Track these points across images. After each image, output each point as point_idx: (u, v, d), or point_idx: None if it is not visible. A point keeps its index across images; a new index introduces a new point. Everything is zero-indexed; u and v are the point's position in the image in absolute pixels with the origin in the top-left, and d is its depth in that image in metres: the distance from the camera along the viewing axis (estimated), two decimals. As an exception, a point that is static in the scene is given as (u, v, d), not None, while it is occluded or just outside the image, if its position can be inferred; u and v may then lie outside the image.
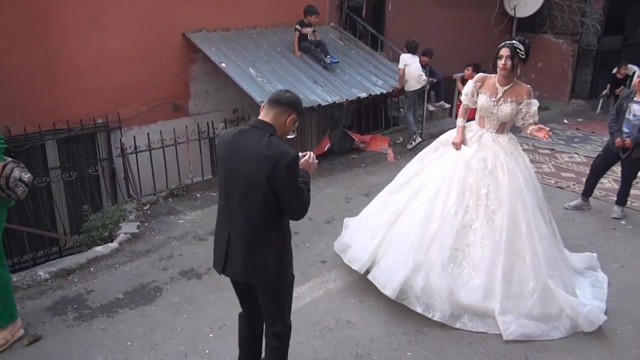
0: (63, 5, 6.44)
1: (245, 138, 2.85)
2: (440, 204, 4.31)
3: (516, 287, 4.06)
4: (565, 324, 3.99)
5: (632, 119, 5.67)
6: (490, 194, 4.22)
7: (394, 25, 10.05)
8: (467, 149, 4.45)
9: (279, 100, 2.91)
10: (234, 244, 2.94)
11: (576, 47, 11.57)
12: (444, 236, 4.21)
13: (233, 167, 2.87)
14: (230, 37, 7.89)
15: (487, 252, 4.12)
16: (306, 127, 8.20)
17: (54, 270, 4.81)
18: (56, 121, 6.39)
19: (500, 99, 4.31)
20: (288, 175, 2.75)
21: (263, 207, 2.82)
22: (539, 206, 4.29)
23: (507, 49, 4.22)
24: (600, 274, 4.71)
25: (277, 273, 2.98)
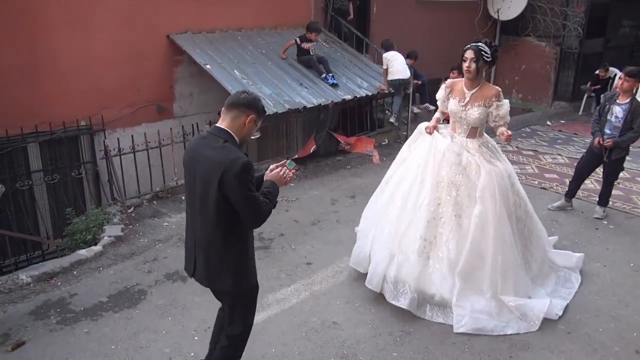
0: (46, 7, 6.38)
1: (203, 144, 2.85)
2: (414, 196, 4.36)
3: (472, 284, 4.15)
4: (517, 321, 4.08)
5: (614, 121, 5.75)
6: (461, 190, 4.22)
7: (379, 27, 10.10)
8: (443, 140, 4.40)
9: (235, 102, 2.86)
10: (198, 249, 2.96)
11: (559, 50, 11.72)
12: (416, 227, 4.27)
13: (192, 173, 2.89)
14: (215, 39, 7.87)
15: (452, 247, 4.17)
16: (292, 129, 8.21)
17: (37, 274, 4.76)
18: (38, 123, 6.33)
19: (468, 103, 4.28)
20: (237, 183, 2.71)
21: (218, 213, 2.80)
22: (508, 212, 4.24)
23: (471, 51, 4.17)
24: (576, 275, 4.76)
25: (235, 280, 2.97)
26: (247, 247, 3.00)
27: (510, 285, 4.16)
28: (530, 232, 4.56)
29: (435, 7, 11.01)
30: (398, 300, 4.17)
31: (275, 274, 4.88)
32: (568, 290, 4.55)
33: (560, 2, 11.46)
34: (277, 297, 4.51)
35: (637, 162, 8.01)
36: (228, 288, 2.99)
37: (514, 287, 4.18)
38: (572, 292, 4.52)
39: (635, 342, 3.99)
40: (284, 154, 8.13)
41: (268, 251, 5.29)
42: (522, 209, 4.49)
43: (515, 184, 4.48)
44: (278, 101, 7.05)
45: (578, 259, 4.88)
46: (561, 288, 4.56)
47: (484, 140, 4.43)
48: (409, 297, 4.14)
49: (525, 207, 4.53)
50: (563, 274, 4.71)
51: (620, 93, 5.75)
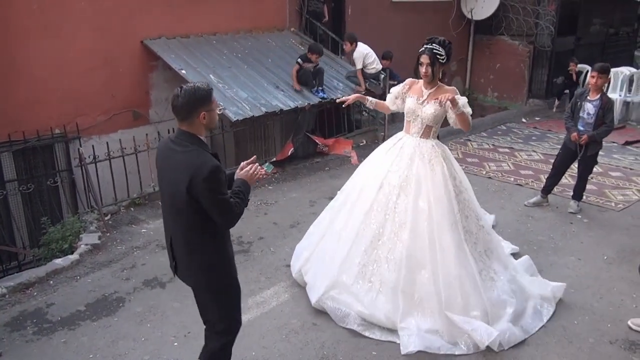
0: (18, 13, 6.30)
1: (172, 147, 2.83)
2: (351, 223, 4.31)
3: (418, 302, 3.99)
4: (466, 341, 3.86)
5: (586, 117, 5.85)
6: (399, 207, 4.12)
7: (354, 29, 10.11)
8: (383, 163, 4.33)
9: (179, 113, 2.77)
10: (176, 248, 2.99)
11: (532, 48, 11.88)
12: (353, 255, 4.20)
13: (162, 176, 2.91)
14: (190, 43, 7.84)
15: (392, 267, 4.04)
16: (269, 132, 8.20)
17: (12, 284, 4.69)
18: (12, 132, 6.25)
19: (425, 100, 4.22)
20: (206, 188, 2.68)
21: (188, 215, 2.80)
22: (451, 220, 4.05)
23: (426, 56, 4.09)
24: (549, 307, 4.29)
25: (213, 275, 2.97)
26: (225, 244, 2.99)
27: (457, 298, 3.92)
28: (487, 249, 4.28)
29: (410, 8, 11.10)
30: (344, 322, 4.09)
31: (255, 277, 4.88)
32: (533, 322, 4.11)
33: (532, 1, 11.62)
34: (257, 300, 4.51)
35: (610, 157, 8.17)
36: (205, 285, 2.99)
37: (463, 302, 3.92)
38: (536, 327, 4.08)
39: (609, 333, 4.08)
40: (262, 157, 8.11)
41: (247, 254, 5.28)
42: (473, 222, 4.25)
43: (465, 194, 4.29)
44: (255, 105, 7.05)
45: (555, 288, 4.41)
46: (528, 318, 4.12)
47: (437, 142, 4.32)
48: (356, 321, 4.07)
49: (477, 221, 4.29)
50: (533, 304, 4.25)
51: (591, 90, 5.85)
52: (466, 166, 7.78)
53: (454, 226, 4.06)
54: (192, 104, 2.75)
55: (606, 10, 13.20)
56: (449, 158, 4.31)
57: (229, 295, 3.10)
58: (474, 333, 3.82)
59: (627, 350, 3.90)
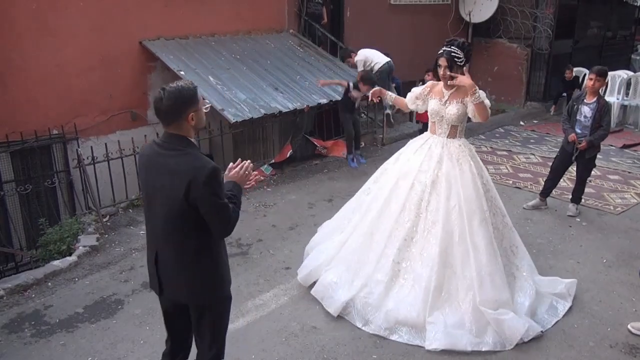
0: (15, 13, 6.28)
1: (161, 152, 2.63)
2: (384, 222, 4.33)
3: (445, 298, 4.05)
4: (493, 337, 3.91)
5: (583, 121, 5.86)
6: (430, 206, 4.19)
7: (353, 31, 10.15)
8: (412, 163, 4.39)
9: (165, 118, 2.59)
10: (163, 264, 2.75)
11: (529, 51, 11.91)
12: (388, 253, 4.23)
13: (152, 184, 2.68)
14: (189, 44, 7.83)
15: (426, 264, 4.10)
16: (268, 134, 8.19)
17: (9, 286, 4.66)
18: (9, 133, 6.22)
19: (447, 101, 4.31)
20: (206, 191, 2.52)
21: (185, 224, 2.61)
22: (481, 218, 4.15)
23: (444, 59, 4.21)
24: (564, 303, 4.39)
25: (210, 289, 2.78)
26: (220, 254, 2.81)
27: (489, 293, 3.98)
28: (512, 246, 4.42)
29: (408, 11, 11.11)
30: (368, 326, 4.08)
31: (254, 279, 4.86)
32: (549, 318, 4.24)
33: (530, 4, 11.66)
34: (256, 302, 4.49)
35: (608, 160, 8.19)
36: (202, 300, 2.80)
37: (494, 297, 3.98)
38: (552, 322, 4.20)
39: (609, 336, 4.08)
40: (261, 159, 8.11)
41: (246, 257, 5.27)
42: (499, 219, 4.38)
43: (491, 191, 4.40)
44: (253, 106, 7.04)
45: (567, 286, 4.51)
46: (542, 314, 4.26)
47: (464, 141, 4.41)
48: (377, 324, 4.06)
49: (502, 218, 4.42)
50: (549, 301, 4.37)
51: (588, 92, 5.86)
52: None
53: (483, 223, 4.15)
54: (178, 105, 2.56)
55: (603, 13, 13.26)
56: (475, 157, 4.40)
57: (224, 313, 2.93)
58: (509, 322, 3.89)
59: (628, 354, 3.90)
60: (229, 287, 2.90)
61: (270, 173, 7.55)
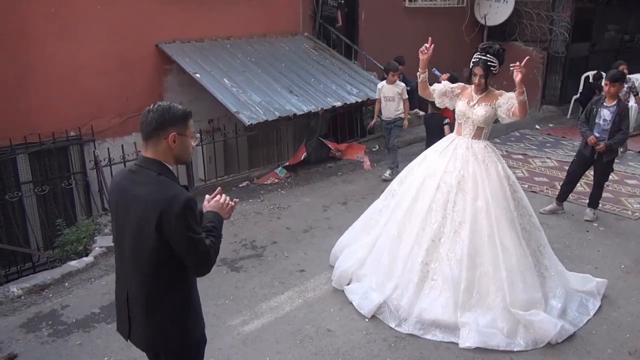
0: (34, 18, 6.37)
1: (132, 180, 2.38)
2: (411, 223, 4.34)
3: (477, 299, 4.05)
4: (525, 337, 3.93)
5: (602, 124, 5.81)
6: (457, 206, 4.19)
7: (368, 34, 10.15)
8: (438, 164, 4.39)
9: (145, 131, 2.36)
10: (133, 305, 2.46)
11: (545, 54, 11.83)
12: (415, 254, 4.23)
13: (122, 215, 2.41)
14: (204, 47, 7.88)
15: (454, 265, 4.10)
16: (282, 136, 8.22)
17: (27, 286, 4.72)
18: (27, 134, 6.30)
19: (475, 104, 4.34)
20: (179, 224, 2.25)
21: (156, 260, 2.34)
22: (508, 218, 4.15)
23: (480, 68, 4.22)
24: (595, 301, 4.43)
25: (182, 334, 2.50)
26: (193, 294, 2.53)
27: (520, 295, 3.99)
28: (539, 246, 4.40)
29: (423, 14, 11.09)
30: (401, 326, 4.10)
31: (269, 281, 4.87)
32: (580, 316, 4.25)
33: (546, 7, 11.58)
34: (270, 305, 4.50)
35: (626, 165, 8.09)
36: (174, 345, 2.50)
37: (525, 297, 3.99)
38: (583, 320, 4.22)
39: (627, 343, 4.02)
40: (275, 161, 8.13)
41: (261, 259, 5.27)
42: (526, 219, 4.36)
43: (518, 192, 4.39)
44: (268, 109, 7.06)
45: (599, 284, 4.54)
46: (574, 312, 4.27)
47: (488, 143, 4.43)
48: (411, 323, 4.09)
49: (529, 218, 4.40)
50: (579, 299, 4.41)
51: (607, 96, 5.81)
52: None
53: (511, 223, 4.14)
54: (163, 120, 2.33)
55: (621, 16, 13.14)
56: (501, 159, 4.40)
57: (197, 354, 2.65)
58: (540, 323, 3.89)
59: (646, 361, 3.85)
60: (201, 327, 2.61)
61: (285, 175, 7.56)
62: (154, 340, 2.51)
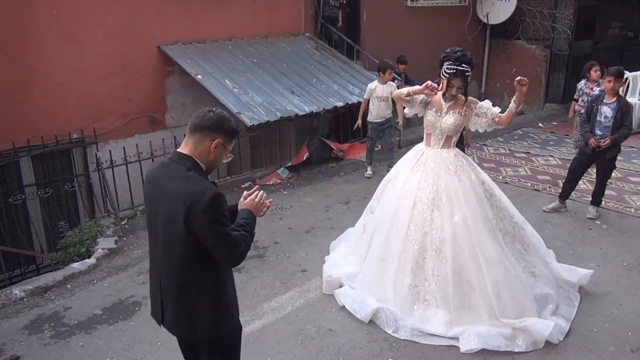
0: (36, 20, 6.39)
1: (164, 173, 2.48)
2: (392, 246, 4.25)
3: (469, 313, 4.02)
4: (524, 339, 3.90)
5: (604, 121, 5.78)
6: (434, 224, 4.11)
7: (370, 34, 10.14)
8: (411, 181, 4.30)
9: (197, 125, 2.47)
10: (165, 293, 2.57)
11: (548, 52, 11.78)
12: (402, 277, 4.17)
13: (153, 208, 2.52)
14: (206, 49, 7.89)
15: (440, 283, 4.05)
16: (284, 137, 8.23)
17: (30, 288, 4.75)
18: (30, 137, 6.32)
19: (444, 113, 4.25)
20: (205, 219, 2.33)
21: (185, 252, 2.43)
22: (488, 228, 4.09)
23: (459, 80, 4.11)
24: (575, 292, 4.49)
25: (212, 326, 2.57)
26: (226, 285, 2.61)
27: (508, 305, 3.96)
28: (524, 245, 4.35)
29: (425, 13, 11.07)
30: (398, 332, 4.06)
31: (270, 282, 4.87)
32: (569, 310, 4.27)
33: (548, 5, 11.53)
34: (272, 305, 4.50)
35: (629, 162, 8.05)
36: (204, 336, 2.59)
37: (514, 306, 3.97)
38: (572, 313, 4.25)
39: (630, 341, 4.00)
40: (277, 161, 8.14)
41: (262, 259, 5.28)
42: (507, 221, 4.30)
43: (495, 195, 4.33)
44: (270, 110, 7.07)
45: (582, 276, 4.58)
46: (564, 306, 4.28)
47: (458, 150, 4.37)
48: (410, 329, 4.05)
49: (511, 218, 4.34)
50: (563, 291, 4.43)
51: (607, 93, 5.79)
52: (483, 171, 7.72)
53: (492, 233, 4.08)
54: (216, 127, 2.46)
55: (624, 13, 13.08)
56: (472, 164, 4.35)
57: (231, 345, 2.74)
58: (531, 327, 3.88)
59: (649, 359, 3.83)
60: (234, 319, 2.70)
61: (287, 176, 7.57)
62: (183, 329, 2.61)
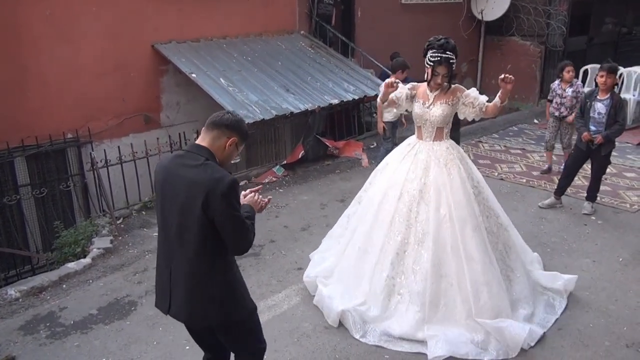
0: (30, 20, 6.37)
1: (180, 163, 2.60)
2: (375, 236, 4.18)
3: (443, 312, 3.92)
4: (495, 346, 3.79)
5: (597, 117, 5.79)
6: (420, 216, 4.02)
7: (364, 31, 10.13)
8: (399, 172, 4.20)
9: (217, 122, 2.63)
10: (175, 282, 2.66)
11: (543, 49, 11.80)
12: (381, 269, 4.09)
13: (168, 196, 2.61)
14: (200, 47, 7.87)
15: (419, 277, 3.95)
16: (280, 135, 8.22)
17: (25, 288, 4.73)
18: (25, 137, 6.30)
19: (431, 104, 4.13)
20: (224, 203, 2.46)
21: (201, 238, 2.54)
22: (473, 225, 3.98)
23: (444, 67, 3.99)
24: (561, 300, 4.35)
25: (228, 310, 2.69)
26: (235, 273, 2.74)
27: (486, 305, 3.87)
28: (506, 247, 4.25)
29: (420, 10, 11.07)
30: (366, 337, 3.97)
31: (266, 280, 4.87)
32: (547, 316, 4.16)
33: (543, 1, 11.55)
34: (268, 303, 4.50)
35: (624, 157, 8.08)
36: (216, 321, 2.71)
37: (492, 306, 3.88)
38: (551, 320, 4.13)
39: (625, 336, 4.02)
40: (273, 160, 8.13)
41: (258, 258, 5.28)
42: (493, 221, 4.21)
43: (484, 193, 4.23)
44: (265, 108, 7.06)
45: (567, 282, 4.45)
46: (541, 313, 4.18)
47: (451, 143, 4.25)
48: (382, 338, 3.95)
49: (496, 219, 4.25)
50: (546, 298, 4.33)
51: (600, 89, 5.79)
52: (478, 168, 7.65)
53: (476, 230, 3.98)
54: (233, 126, 2.64)
55: (618, 9, 13.11)
56: (464, 159, 4.24)
57: (252, 329, 2.89)
58: (507, 330, 3.78)
59: (644, 353, 3.84)
60: (248, 304, 2.80)
61: (282, 174, 7.57)
62: (194, 317, 2.71)
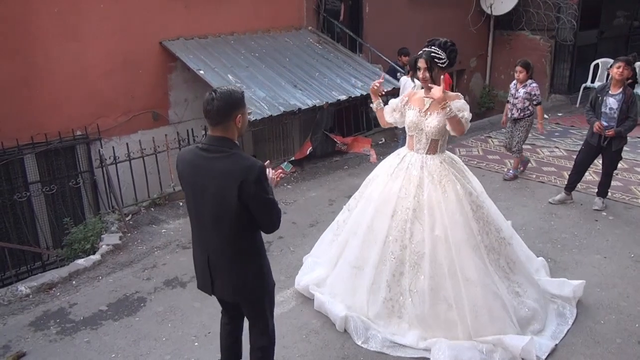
0: (39, 18, 6.39)
1: (207, 156, 2.73)
2: (369, 255, 3.99)
3: (445, 333, 3.78)
4: (501, 354, 3.64)
5: (609, 112, 5.72)
6: (414, 237, 3.82)
7: (372, 27, 10.09)
8: (390, 188, 3.97)
9: (215, 117, 2.68)
10: (215, 265, 2.89)
11: (553, 43, 11.70)
12: (377, 289, 3.94)
13: (200, 188, 2.76)
14: (208, 44, 7.87)
15: (417, 300, 3.80)
16: (288, 131, 8.21)
17: (35, 285, 4.76)
18: (34, 134, 6.33)
19: (428, 110, 3.86)
20: (258, 188, 2.65)
21: (237, 225, 2.74)
22: (471, 245, 3.78)
23: (423, 60, 3.76)
24: (571, 308, 4.17)
25: (260, 286, 2.98)
26: (263, 249, 3.00)
27: (486, 327, 3.70)
28: (509, 262, 4.01)
29: (428, 5, 11.00)
30: (368, 343, 3.86)
31: (275, 277, 4.75)
32: (560, 327, 3.97)
33: (553, -5, 11.46)
34: (276, 299, 4.37)
35: (635, 152, 7.99)
36: (256, 295, 2.99)
37: (492, 328, 3.70)
38: (563, 331, 3.94)
39: (637, 333, 3.98)
40: (281, 156, 8.13)
41: (267, 254, 5.25)
42: (494, 237, 3.96)
43: (483, 207, 3.96)
44: (273, 104, 7.05)
45: (576, 287, 4.23)
46: (553, 325, 3.98)
47: (446, 156, 3.97)
48: (384, 344, 3.85)
49: (498, 233, 4.00)
50: (556, 307, 4.15)
51: (612, 84, 5.72)
52: (487, 163, 7.69)
53: (475, 250, 3.79)
54: (228, 106, 2.68)
55: (630, 2, 12.94)
56: (461, 171, 4.00)
57: (272, 298, 3.15)
58: (506, 340, 3.64)
59: (656, 350, 3.80)
60: (272, 279, 3.09)
61: (291, 170, 7.56)
62: (239, 293, 2.95)
